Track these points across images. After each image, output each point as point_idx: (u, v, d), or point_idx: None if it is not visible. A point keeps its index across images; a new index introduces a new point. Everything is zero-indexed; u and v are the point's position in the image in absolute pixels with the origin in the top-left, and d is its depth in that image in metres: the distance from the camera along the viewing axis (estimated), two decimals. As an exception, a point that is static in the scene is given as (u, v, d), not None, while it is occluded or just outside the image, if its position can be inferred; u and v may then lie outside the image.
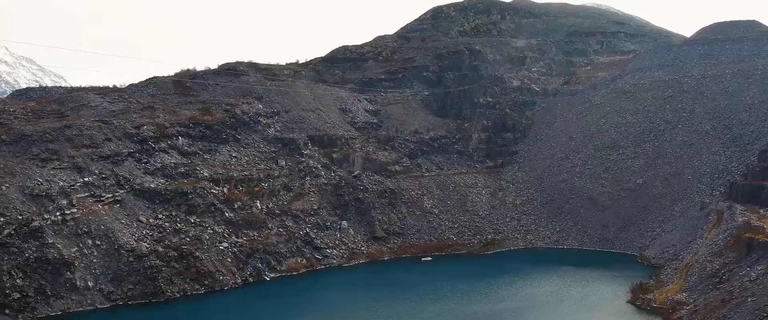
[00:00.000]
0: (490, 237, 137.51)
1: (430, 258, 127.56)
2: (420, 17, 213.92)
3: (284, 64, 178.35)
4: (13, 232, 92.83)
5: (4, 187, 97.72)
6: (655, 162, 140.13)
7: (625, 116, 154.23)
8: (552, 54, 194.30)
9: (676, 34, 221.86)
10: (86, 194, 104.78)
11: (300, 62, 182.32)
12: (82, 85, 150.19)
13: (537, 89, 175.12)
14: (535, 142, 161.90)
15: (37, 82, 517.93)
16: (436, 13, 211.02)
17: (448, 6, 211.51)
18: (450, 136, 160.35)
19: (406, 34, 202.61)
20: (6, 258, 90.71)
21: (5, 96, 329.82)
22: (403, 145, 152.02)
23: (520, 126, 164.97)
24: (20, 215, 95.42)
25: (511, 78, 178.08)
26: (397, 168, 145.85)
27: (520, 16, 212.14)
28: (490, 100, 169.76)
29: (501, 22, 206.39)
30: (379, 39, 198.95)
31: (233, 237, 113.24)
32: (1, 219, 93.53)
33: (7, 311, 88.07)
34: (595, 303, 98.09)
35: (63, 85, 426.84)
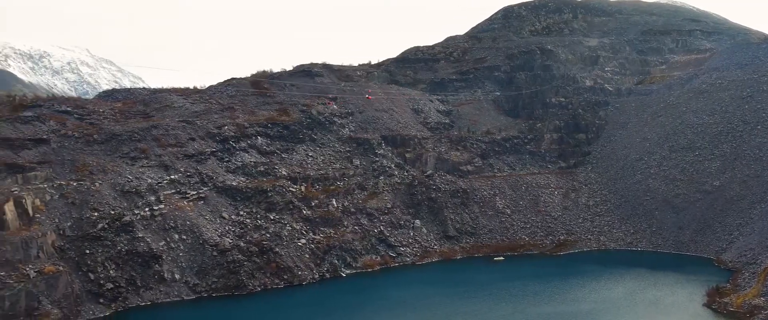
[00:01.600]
0: (562, 238, 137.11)
1: (502, 258, 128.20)
2: (491, 17, 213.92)
3: (357, 64, 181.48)
4: (106, 226, 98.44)
5: (97, 184, 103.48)
6: (733, 164, 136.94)
7: (702, 117, 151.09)
8: (625, 53, 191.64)
9: (756, 31, 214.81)
10: (172, 191, 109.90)
11: (372, 63, 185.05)
12: (164, 87, 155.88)
13: (610, 89, 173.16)
14: (608, 142, 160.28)
15: (116, 82, 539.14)
16: (507, 12, 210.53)
17: (519, 5, 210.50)
18: (522, 137, 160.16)
19: (477, 34, 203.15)
20: (100, 251, 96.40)
21: (86, 96, 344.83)
22: (474, 145, 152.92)
23: (593, 126, 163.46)
24: (112, 210, 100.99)
25: (584, 78, 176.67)
26: (469, 168, 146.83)
27: (593, 14, 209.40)
28: (562, 100, 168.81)
29: (573, 21, 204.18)
30: (450, 39, 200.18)
31: (311, 234, 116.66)
32: (96, 213, 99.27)
33: (101, 300, 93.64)
34: (670, 306, 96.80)
35: (141, 85, 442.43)
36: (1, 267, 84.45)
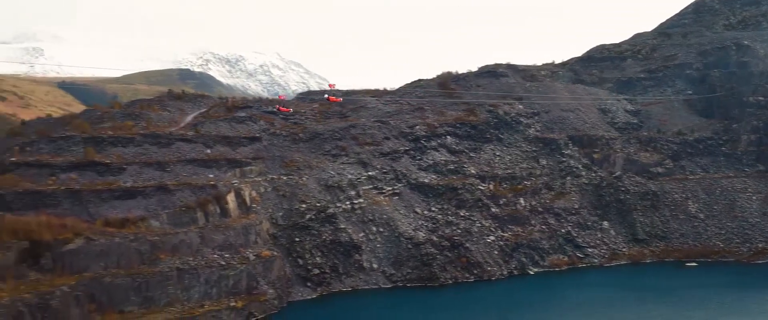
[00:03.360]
0: (761, 245, 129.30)
1: (695, 264, 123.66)
2: (681, 12, 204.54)
3: (541, 64, 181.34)
4: (313, 217, 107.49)
5: (304, 178, 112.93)
6: None
7: None
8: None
9: None
10: (370, 186, 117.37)
11: (556, 62, 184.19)
12: (355, 88, 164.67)
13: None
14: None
15: (303, 83, 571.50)
16: (698, 6, 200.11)
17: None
18: (716, 138, 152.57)
19: (665, 30, 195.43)
20: (308, 239, 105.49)
21: (276, 96, 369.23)
22: (665, 147, 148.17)
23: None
24: (318, 203, 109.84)
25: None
26: (660, 170, 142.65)
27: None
28: (761, 99, 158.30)
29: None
30: (638, 36, 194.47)
31: (499, 232, 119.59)
32: (304, 205, 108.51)
33: (308, 284, 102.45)
34: None
35: (326, 86, 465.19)
36: (226, 250, 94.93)
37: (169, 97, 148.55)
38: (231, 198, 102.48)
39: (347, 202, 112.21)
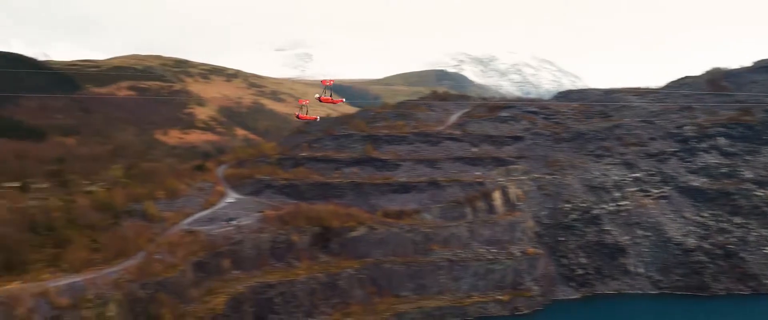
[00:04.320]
0: None
1: None
2: None
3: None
4: (577, 217, 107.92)
5: (568, 178, 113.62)
6: None
7: None
8: None
9: None
10: (635, 188, 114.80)
11: None
12: (616, 86, 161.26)
13: None
14: None
15: (556, 82, 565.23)
16: None
17: None
18: None
19: None
20: (572, 239, 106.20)
21: (528, 95, 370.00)
22: None
23: None
24: (582, 203, 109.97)
25: None
26: None
27: None
28: None
29: None
30: None
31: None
32: (568, 205, 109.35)
33: (571, 284, 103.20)
34: None
35: (579, 85, 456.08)
36: (493, 245, 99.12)
37: (433, 97, 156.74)
38: (497, 195, 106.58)
39: (612, 204, 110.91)
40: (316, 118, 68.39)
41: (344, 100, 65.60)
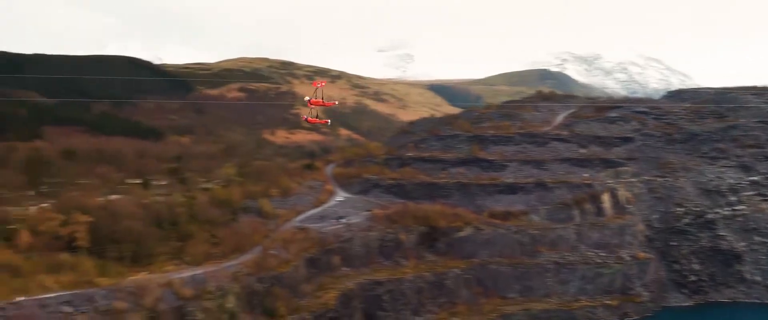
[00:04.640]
0: None
1: None
2: None
3: None
4: (690, 222, 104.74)
5: (681, 180, 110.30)
6: None
7: None
8: None
9: None
10: (753, 192, 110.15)
11: None
12: (730, 85, 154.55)
13: None
14: None
15: (663, 80, 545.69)
16: None
17: None
18: None
19: None
20: (684, 244, 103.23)
21: (634, 94, 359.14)
22: None
23: None
24: (695, 207, 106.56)
25: None
26: None
27: None
28: None
29: None
30: None
31: None
32: (680, 209, 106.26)
33: (683, 290, 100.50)
34: None
35: (688, 84, 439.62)
36: (601, 249, 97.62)
37: (538, 97, 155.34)
38: (606, 197, 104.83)
39: (727, 208, 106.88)
40: (327, 122, 53.28)
41: (337, 102, 53.40)
